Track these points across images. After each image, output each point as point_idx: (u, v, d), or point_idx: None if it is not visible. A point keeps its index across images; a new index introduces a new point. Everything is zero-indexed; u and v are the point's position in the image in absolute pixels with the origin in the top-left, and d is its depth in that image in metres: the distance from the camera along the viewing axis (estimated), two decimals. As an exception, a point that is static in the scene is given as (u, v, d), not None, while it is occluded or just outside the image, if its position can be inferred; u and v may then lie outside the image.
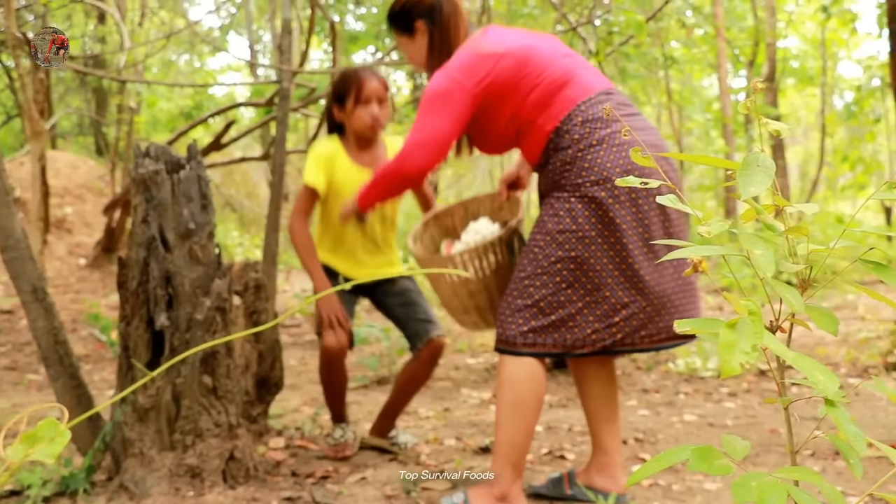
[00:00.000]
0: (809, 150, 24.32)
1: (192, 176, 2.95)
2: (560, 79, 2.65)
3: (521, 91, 2.67)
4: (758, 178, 0.91)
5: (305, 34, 6.93)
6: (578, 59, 2.74)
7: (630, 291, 2.57)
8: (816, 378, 0.86)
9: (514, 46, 2.68)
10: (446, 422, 4.12)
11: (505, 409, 2.66)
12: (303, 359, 5.98)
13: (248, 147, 17.54)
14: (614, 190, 2.55)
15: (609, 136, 2.59)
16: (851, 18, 16.74)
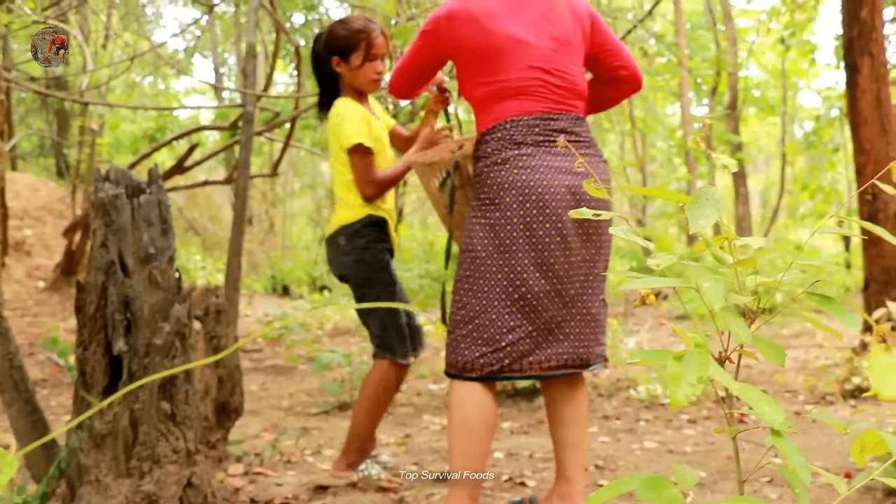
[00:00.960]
0: (771, 179, 24.62)
1: (153, 200, 2.93)
2: (512, 89, 2.65)
3: (479, 78, 2.69)
4: (706, 212, 0.93)
5: (271, 58, 6.93)
6: (556, 76, 2.69)
7: (516, 316, 2.58)
8: (762, 409, 0.87)
9: (504, 28, 2.65)
10: (407, 448, 4.10)
11: (453, 433, 2.66)
12: (264, 384, 5.94)
13: (213, 170, 17.48)
14: (507, 212, 2.57)
15: (515, 157, 2.60)
16: (810, 50, 17.04)
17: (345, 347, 7.10)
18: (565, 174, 2.60)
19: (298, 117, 7.07)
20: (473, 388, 2.63)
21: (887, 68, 6.11)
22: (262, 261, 16.35)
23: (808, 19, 16.26)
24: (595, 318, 2.74)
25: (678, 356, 0.82)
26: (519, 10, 2.68)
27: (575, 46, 2.74)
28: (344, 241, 3.32)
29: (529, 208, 2.55)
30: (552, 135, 2.63)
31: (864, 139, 5.92)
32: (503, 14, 2.65)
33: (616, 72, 2.88)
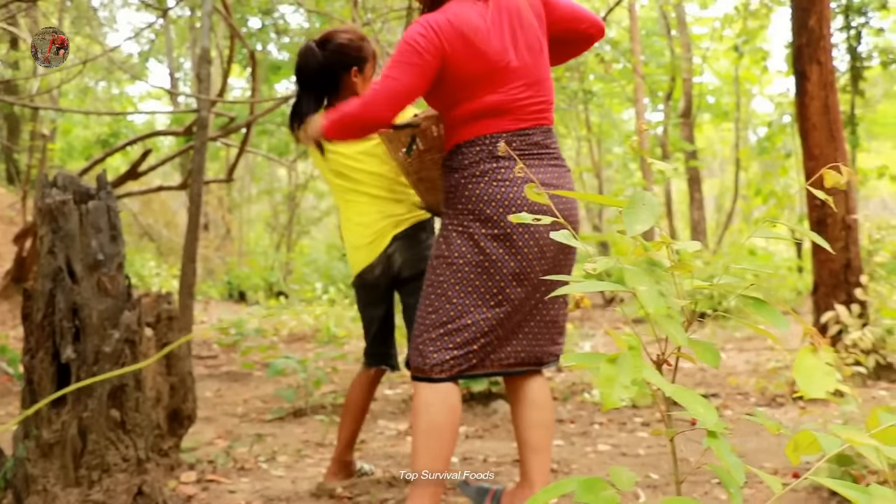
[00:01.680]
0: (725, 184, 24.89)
1: (102, 206, 2.91)
2: (497, 109, 2.66)
3: (462, 94, 2.67)
4: (643, 216, 0.94)
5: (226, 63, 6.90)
6: (536, 91, 2.70)
7: (491, 322, 2.64)
8: (696, 410, 0.88)
9: (492, 49, 2.63)
10: (362, 454, 4.10)
11: (419, 435, 2.67)
12: (218, 391, 5.90)
13: (168, 175, 17.34)
14: (488, 223, 2.62)
15: (493, 170, 2.63)
16: (763, 57, 17.26)
17: (301, 354, 7.07)
18: (543, 187, 2.61)
19: (254, 122, 7.04)
20: (440, 390, 2.66)
21: (835, 76, 6.21)
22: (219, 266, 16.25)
23: (760, 27, 16.49)
24: (555, 319, 2.80)
25: (611, 359, 0.83)
26: (498, 25, 2.66)
27: (545, 48, 2.77)
28: (425, 235, 3.33)
29: (508, 219, 2.56)
30: (528, 149, 2.67)
31: (813, 145, 6.01)
32: (486, 30, 2.64)
33: (585, 32, 2.91)
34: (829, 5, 6.10)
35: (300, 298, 11.08)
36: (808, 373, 0.84)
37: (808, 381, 0.84)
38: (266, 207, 20.21)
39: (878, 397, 5.25)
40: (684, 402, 0.89)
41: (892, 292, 6.30)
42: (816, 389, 0.84)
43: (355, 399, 3.48)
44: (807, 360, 0.85)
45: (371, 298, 3.41)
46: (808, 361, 0.84)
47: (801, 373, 0.85)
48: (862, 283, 5.82)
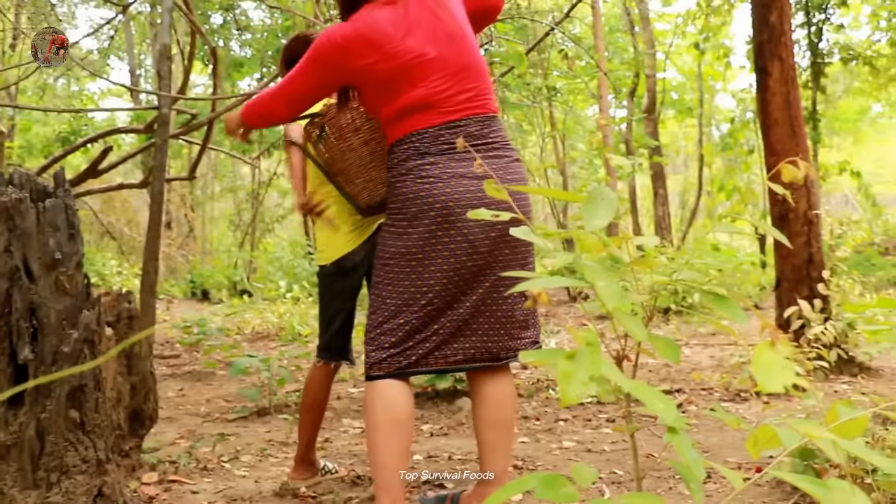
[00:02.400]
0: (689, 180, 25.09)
1: (59, 204, 2.86)
2: (420, 105, 2.64)
3: (385, 97, 2.68)
4: (601, 212, 0.93)
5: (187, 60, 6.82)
6: (461, 80, 2.68)
7: (424, 320, 2.63)
8: (656, 406, 0.88)
9: (404, 49, 2.62)
10: (326, 452, 4.07)
11: (368, 433, 2.67)
12: (181, 390, 5.85)
13: (130, 173, 17.17)
14: (413, 221, 2.62)
15: (418, 167, 2.62)
16: (725, 53, 17.40)
17: (264, 352, 7.03)
18: (471, 179, 2.61)
19: (216, 119, 6.98)
20: (380, 387, 2.65)
21: (796, 72, 6.27)
22: (181, 265, 16.12)
23: (722, 23, 16.61)
24: (509, 314, 2.74)
25: (569, 355, 0.82)
26: (413, 21, 2.65)
27: (469, 31, 2.76)
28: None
29: (434, 217, 2.58)
30: (467, 140, 2.63)
31: (775, 140, 6.06)
32: (400, 32, 2.63)
33: (493, 6, 2.97)
34: (789, 2, 6.15)
35: (264, 297, 11.01)
36: (766, 367, 0.84)
37: (767, 376, 0.84)
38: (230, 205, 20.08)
39: (841, 391, 5.31)
40: (644, 398, 0.88)
41: (853, 287, 6.37)
42: (774, 384, 0.83)
43: (314, 396, 3.45)
44: (765, 354, 0.84)
45: (342, 287, 3.36)
46: (767, 356, 0.84)
47: (759, 368, 0.85)
48: (824, 278, 5.88)
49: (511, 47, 6.48)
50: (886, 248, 16.20)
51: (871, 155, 33.74)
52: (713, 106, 22.13)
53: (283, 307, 9.54)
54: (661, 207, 17.72)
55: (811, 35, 16.14)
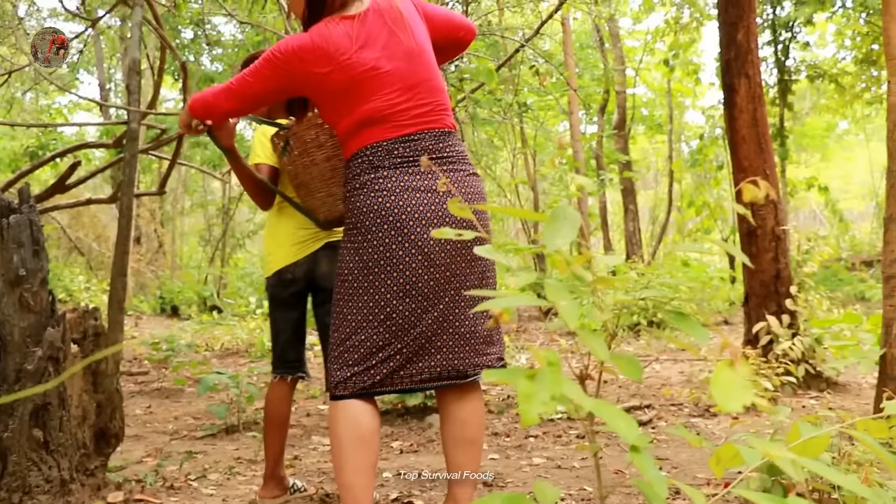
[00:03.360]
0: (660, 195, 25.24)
1: (24, 221, 2.84)
2: (373, 118, 2.64)
3: (341, 110, 2.68)
4: (563, 231, 0.93)
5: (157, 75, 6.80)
6: (416, 94, 2.68)
7: (384, 336, 2.60)
8: (618, 426, 0.88)
9: (359, 61, 2.62)
10: (295, 470, 4.05)
11: (333, 452, 2.65)
12: (149, 408, 5.79)
13: (99, 188, 17.05)
14: (368, 235, 2.61)
15: (371, 181, 2.62)
16: (694, 70, 17.56)
17: (234, 369, 6.99)
18: (425, 193, 2.60)
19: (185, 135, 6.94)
20: (346, 406, 2.63)
21: (763, 89, 6.33)
22: (151, 281, 16.01)
23: (691, 41, 16.76)
24: (472, 330, 2.71)
25: (530, 375, 0.82)
26: (369, 36, 2.66)
27: (428, 49, 2.76)
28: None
29: (388, 230, 2.58)
30: (414, 155, 2.64)
31: (743, 157, 6.11)
32: (355, 45, 2.63)
33: (463, 39, 2.98)
34: (755, 20, 6.22)
35: (234, 313, 10.95)
36: (724, 387, 0.84)
37: (725, 396, 0.84)
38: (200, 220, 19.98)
39: (808, 406, 5.35)
40: (605, 417, 0.88)
41: (821, 303, 6.42)
42: (733, 404, 0.84)
43: (275, 413, 3.43)
44: (724, 374, 0.85)
45: (284, 298, 3.38)
46: (725, 376, 0.84)
47: (717, 387, 0.85)
48: (792, 294, 5.93)
49: (482, 63, 6.50)
50: (853, 264, 16.37)
51: (838, 171, 34.15)
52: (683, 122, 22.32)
53: (254, 323, 9.49)
54: (632, 223, 17.82)
55: (778, 53, 16.34)
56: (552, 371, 0.81)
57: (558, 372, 0.82)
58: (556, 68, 10.37)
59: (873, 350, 4.62)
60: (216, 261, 16.43)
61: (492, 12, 9.58)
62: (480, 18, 8.80)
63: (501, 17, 12.49)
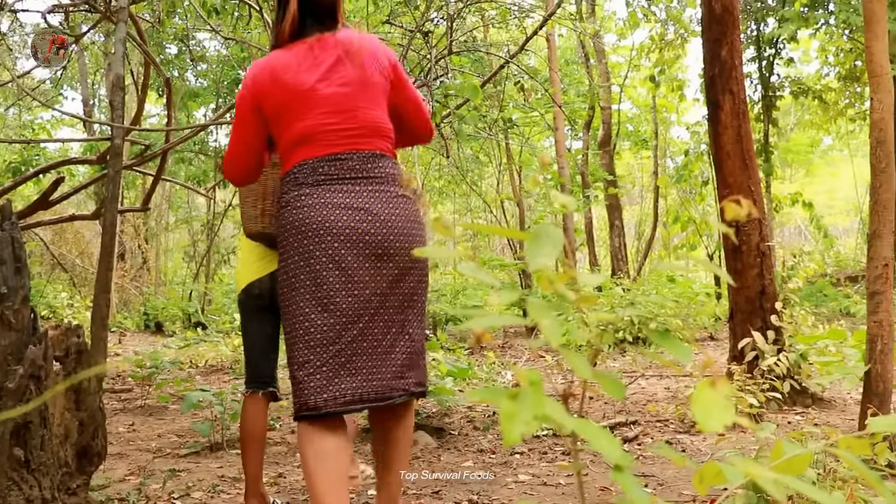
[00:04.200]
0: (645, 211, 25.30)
1: (5, 238, 2.82)
2: (303, 136, 2.71)
3: (280, 127, 2.75)
4: (546, 249, 0.93)
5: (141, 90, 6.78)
6: (350, 117, 2.72)
7: (304, 351, 2.61)
8: (600, 444, 0.87)
9: (298, 81, 2.70)
10: (279, 488, 4.02)
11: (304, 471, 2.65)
12: (132, 425, 5.75)
13: (82, 204, 16.98)
14: (290, 250, 2.66)
15: (295, 198, 2.67)
16: (679, 86, 17.65)
17: (218, 386, 6.95)
18: (345, 209, 2.63)
19: (170, 150, 6.93)
20: (306, 425, 2.63)
21: (747, 105, 6.36)
22: (135, 297, 15.93)
23: (676, 57, 16.86)
24: (390, 351, 2.69)
25: (512, 395, 0.81)
26: (315, 60, 2.73)
27: (372, 87, 2.77)
28: None
29: (307, 245, 2.61)
30: (340, 173, 2.68)
31: (727, 173, 6.13)
32: (297, 67, 2.71)
33: (416, 132, 3.04)
34: (739, 37, 6.26)
35: (218, 329, 10.90)
36: (705, 406, 0.84)
37: (705, 415, 0.84)
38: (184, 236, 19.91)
39: (794, 422, 5.35)
40: (588, 436, 0.88)
41: (805, 318, 6.44)
42: (713, 423, 0.83)
43: (249, 429, 3.42)
44: (704, 393, 0.84)
45: (253, 312, 3.43)
46: (706, 395, 0.84)
47: (698, 406, 0.84)
48: (777, 310, 5.94)
49: (466, 80, 6.51)
50: (838, 279, 16.44)
51: (823, 187, 34.32)
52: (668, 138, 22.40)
53: (238, 340, 9.44)
54: (617, 238, 17.84)
55: (762, 69, 16.44)
56: (534, 390, 0.81)
57: (540, 391, 0.81)
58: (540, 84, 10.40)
59: (858, 366, 4.63)
60: (201, 277, 16.36)
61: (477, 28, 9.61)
62: (465, 34, 8.82)
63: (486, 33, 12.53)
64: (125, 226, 16.67)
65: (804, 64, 20.92)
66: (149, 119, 19.50)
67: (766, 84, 16.54)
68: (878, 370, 4.03)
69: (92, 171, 12.38)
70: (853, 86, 16.90)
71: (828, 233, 18.61)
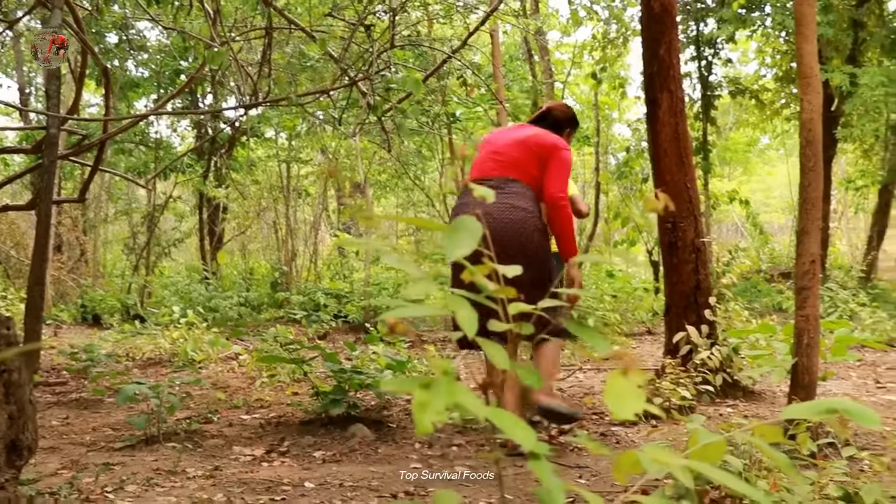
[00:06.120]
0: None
1: (-67, 227, 2.77)
2: (473, 166, 4.73)
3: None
4: (464, 241, 0.95)
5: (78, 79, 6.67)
6: (496, 155, 4.62)
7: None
8: (514, 433, 0.89)
9: (483, 143, 4.81)
10: (215, 481, 4.00)
11: None
12: (66, 419, 5.67)
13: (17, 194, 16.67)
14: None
15: (458, 206, 4.60)
16: (621, 83, 17.82)
17: (155, 379, 6.88)
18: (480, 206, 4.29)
19: (107, 141, 6.83)
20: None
21: (685, 104, 6.45)
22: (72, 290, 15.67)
23: (618, 55, 17.03)
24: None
25: (425, 384, 0.83)
26: (494, 138, 4.76)
27: (521, 155, 4.59)
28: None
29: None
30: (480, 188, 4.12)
31: (664, 170, 6.22)
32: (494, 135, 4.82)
33: (542, 193, 4.57)
34: (678, 37, 6.34)
35: (157, 322, 10.76)
36: (617, 396, 0.86)
37: (618, 404, 0.86)
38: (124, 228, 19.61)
39: (725, 414, 5.45)
40: (502, 425, 0.90)
41: (739, 313, 6.56)
42: (625, 412, 0.86)
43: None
44: (617, 383, 0.87)
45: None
46: (618, 385, 0.87)
47: (611, 395, 0.87)
48: (711, 305, 6.04)
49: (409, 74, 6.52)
50: (772, 275, 16.75)
51: (760, 185, 34.94)
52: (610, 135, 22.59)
53: (177, 333, 9.35)
54: (559, 234, 17.91)
55: (702, 69, 16.67)
56: (447, 380, 0.83)
57: (453, 381, 0.83)
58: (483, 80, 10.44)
59: (786, 359, 4.74)
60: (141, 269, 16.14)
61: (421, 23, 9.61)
62: (409, 28, 8.82)
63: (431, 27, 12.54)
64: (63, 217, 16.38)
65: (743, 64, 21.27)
66: (88, 109, 19.18)
67: (705, 83, 16.78)
68: (805, 363, 4.14)
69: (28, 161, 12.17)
70: (789, 87, 17.25)
71: (763, 230, 18.95)
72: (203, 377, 6.84)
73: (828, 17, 14.61)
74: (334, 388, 5.24)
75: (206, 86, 15.82)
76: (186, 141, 18.87)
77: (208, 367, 7.87)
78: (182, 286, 13.83)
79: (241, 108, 8.80)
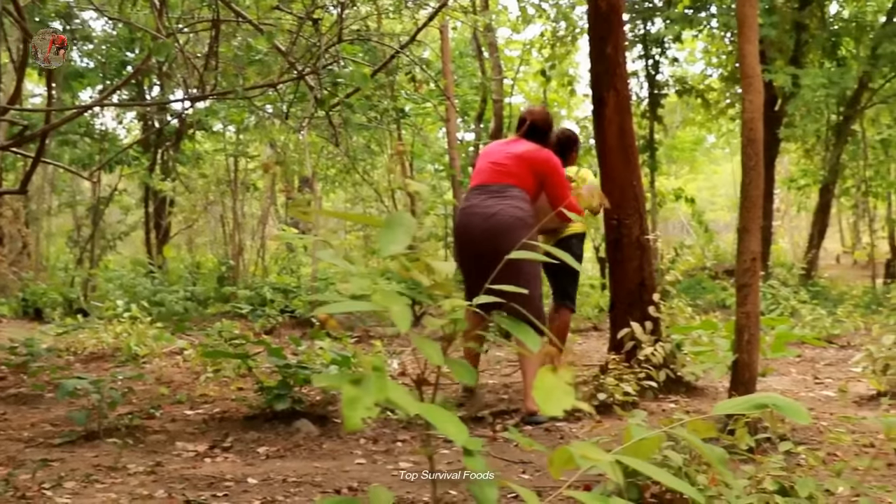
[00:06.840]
0: (535, 203, 25.53)
1: None
2: (474, 175, 5.67)
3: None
4: (398, 237, 0.95)
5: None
6: (496, 166, 5.55)
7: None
8: (447, 429, 0.89)
9: (482, 153, 5.81)
10: (156, 477, 3.96)
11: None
12: (3, 414, 5.57)
13: (-42, 186, 16.29)
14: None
15: (462, 206, 5.62)
16: (570, 81, 17.92)
17: (98, 374, 6.78)
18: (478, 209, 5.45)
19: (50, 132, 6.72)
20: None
21: (630, 102, 6.51)
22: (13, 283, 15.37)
23: (567, 53, 17.12)
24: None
25: (355, 380, 0.82)
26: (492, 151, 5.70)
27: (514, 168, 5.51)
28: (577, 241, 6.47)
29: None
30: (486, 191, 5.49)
31: (610, 167, 6.27)
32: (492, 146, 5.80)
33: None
34: (624, 35, 6.40)
35: (100, 316, 10.60)
36: (546, 391, 0.87)
37: (547, 400, 0.87)
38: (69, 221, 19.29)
39: (668, 409, 5.52)
40: (434, 420, 0.90)
41: (683, 310, 6.64)
42: (554, 408, 0.87)
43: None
44: (545, 379, 0.88)
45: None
46: (547, 381, 0.87)
47: (540, 391, 0.88)
48: (655, 301, 6.10)
49: (357, 68, 6.50)
50: (716, 273, 16.98)
51: (706, 183, 35.37)
52: (558, 132, 22.71)
53: (121, 327, 9.22)
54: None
55: (649, 67, 16.84)
56: (377, 376, 0.82)
57: (384, 377, 0.83)
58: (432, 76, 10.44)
59: (727, 356, 4.80)
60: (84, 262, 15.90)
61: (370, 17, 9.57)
62: (358, 23, 8.79)
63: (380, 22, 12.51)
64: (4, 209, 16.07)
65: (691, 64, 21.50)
66: (30, 99, 18.83)
67: (652, 82, 16.95)
68: (745, 359, 4.20)
69: (-33, 152, 11.90)
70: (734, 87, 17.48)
71: (708, 227, 19.20)
72: (146, 372, 6.76)
73: (771, 19, 14.83)
74: (279, 384, 5.21)
75: (153, 77, 15.63)
76: (133, 133, 18.62)
77: (152, 362, 7.78)
78: (127, 280, 13.62)
79: (188, 100, 8.70)
